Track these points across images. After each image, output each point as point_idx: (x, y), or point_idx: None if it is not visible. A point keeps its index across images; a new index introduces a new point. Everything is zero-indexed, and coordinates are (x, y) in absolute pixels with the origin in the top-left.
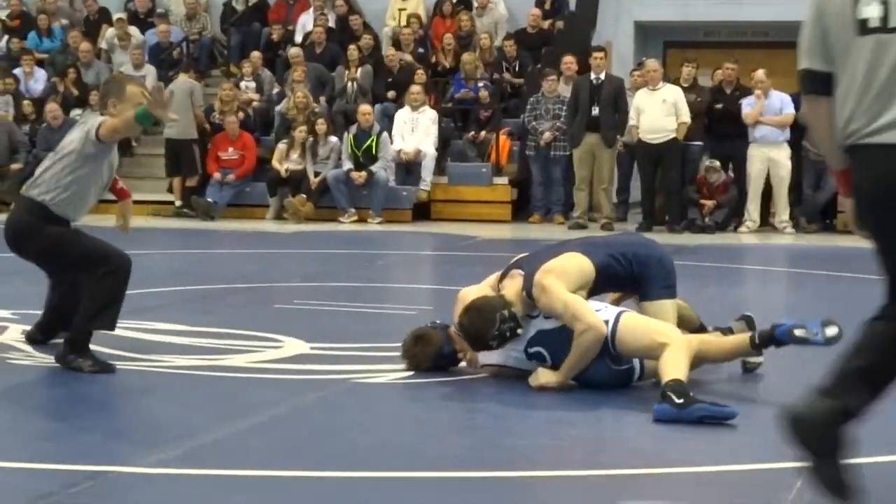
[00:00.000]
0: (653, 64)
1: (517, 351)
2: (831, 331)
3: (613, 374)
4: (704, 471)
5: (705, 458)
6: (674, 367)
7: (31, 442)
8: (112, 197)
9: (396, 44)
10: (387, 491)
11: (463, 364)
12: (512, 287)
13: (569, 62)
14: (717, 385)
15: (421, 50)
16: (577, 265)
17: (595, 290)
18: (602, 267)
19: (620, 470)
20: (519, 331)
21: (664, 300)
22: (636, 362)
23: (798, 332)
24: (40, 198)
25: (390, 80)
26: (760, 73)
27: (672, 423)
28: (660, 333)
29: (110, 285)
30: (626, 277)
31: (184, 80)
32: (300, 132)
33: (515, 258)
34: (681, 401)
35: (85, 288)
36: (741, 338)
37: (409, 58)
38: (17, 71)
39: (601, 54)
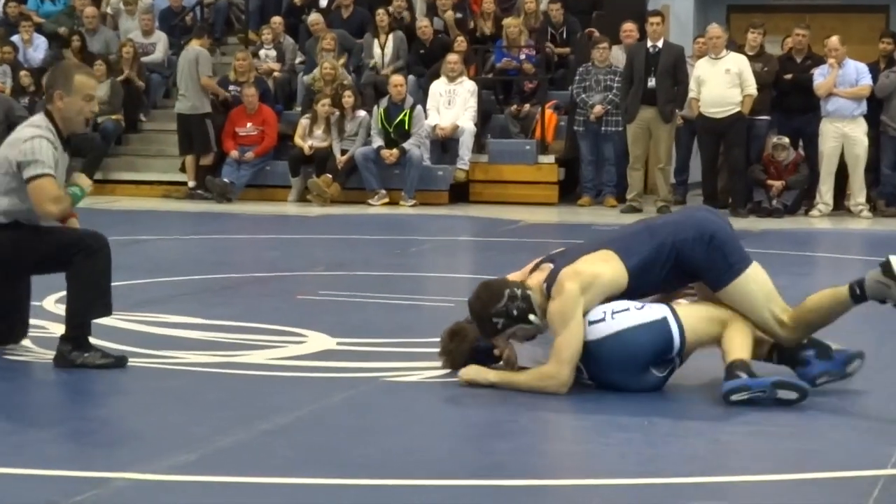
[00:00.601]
0: (716, 29)
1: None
2: (852, 367)
3: (652, 382)
4: (767, 480)
5: (768, 466)
6: (739, 348)
7: (30, 446)
8: (114, 177)
9: (432, 7)
10: (420, 501)
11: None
12: (536, 278)
13: (629, 29)
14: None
15: (459, 15)
16: (612, 275)
17: (630, 292)
18: (637, 270)
19: (676, 478)
20: (531, 317)
21: (733, 282)
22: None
23: (822, 380)
24: None
25: (422, 51)
26: (834, 40)
27: (742, 393)
28: (716, 318)
29: (92, 268)
30: (666, 274)
31: (190, 50)
32: (323, 106)
33: (553, 252)
34: (747, 375)
35: (68, 280)
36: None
37: (449, 19)
38: (14, 38)
39: (658, 19)
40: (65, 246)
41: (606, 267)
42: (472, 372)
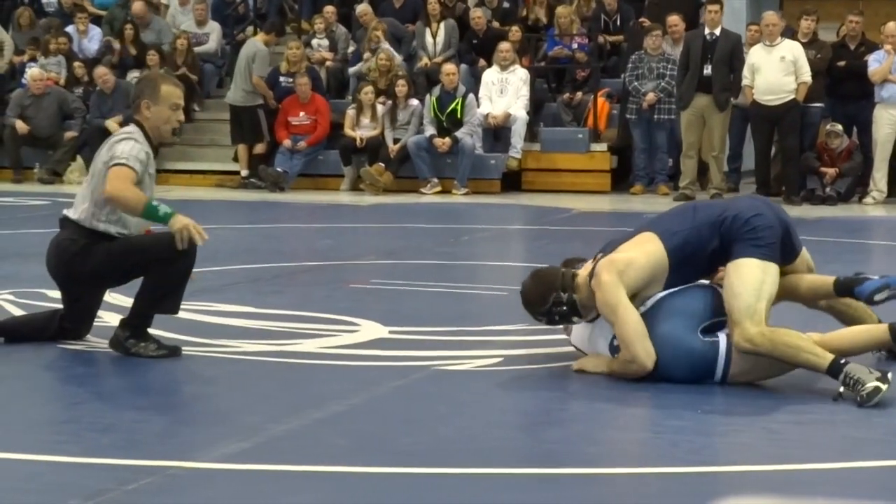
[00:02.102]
0: (772, 16)
1: (601, 349)
2: None
3: (699, 351)
4: (818, 468)
5: (818, 455)
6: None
7: (84, 434)
8: (168, 166)
9: None
10: (473, 489)
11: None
12: (584, 272)
13: (674, 23)
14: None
15: (506, 5)
16: (647, 257)
17: (674, 276)
18: (678, 250)
19: (730, 467)
20: (575, 319)
21: (748, 259)
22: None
23: (880, 296)
24: (77, 217)
25: (475, 41)
26: (892, 26)
27: (884, 292)
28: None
29: (176, 268)
30: (711, 253)
31: (252, 44)
32: (366, 94)
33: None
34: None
35: (148, 272)
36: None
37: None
38: (69, 29)
39: (716, 7)
40: (152, 250)
41: (640, 250)
42: (585, 364)
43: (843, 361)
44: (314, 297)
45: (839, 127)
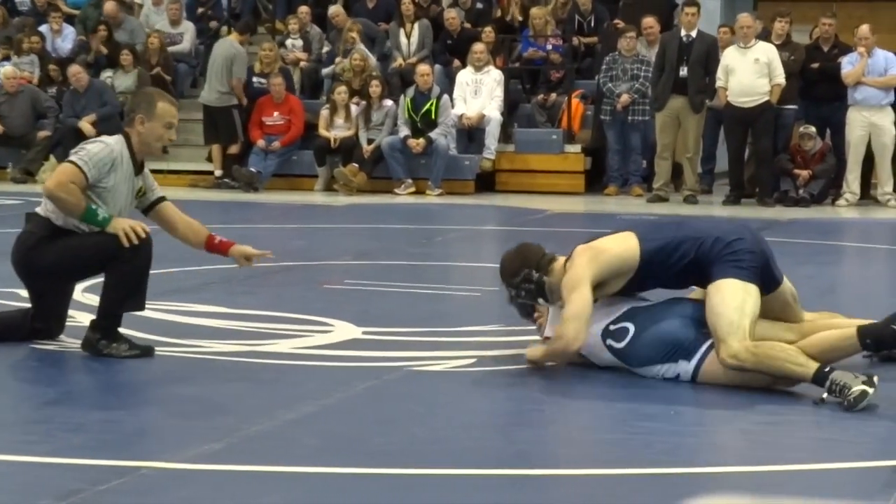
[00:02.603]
0: (746, 18)
1: (592, 335)
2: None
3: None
4: (791, 469)
5: (792, 456)
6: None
7: (55, 434)
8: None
9: None
10: (445, 490)
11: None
12: (560, 260)
13: (649, 24)
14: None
15: (480, 5)
16: (621, 249)
17: (639, 281)
18: (651, 254)
19: (702, 468)
20: (540, 301)
21: (731, 279)
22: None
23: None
24: (45, 214)
25: (449, 42)
26: (865, 29)
27: None
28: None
29: (132, 265)
30: (682, 269)
31: (228, 45)
32: (339, 94)
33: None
34: None
35: (106, 272)
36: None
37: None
38: (43, 28)
39: (693, 9)
40: (108, 246)
41: (617, 243)
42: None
43: (827, 369)
44: (287, 298)
45: (812, 129)
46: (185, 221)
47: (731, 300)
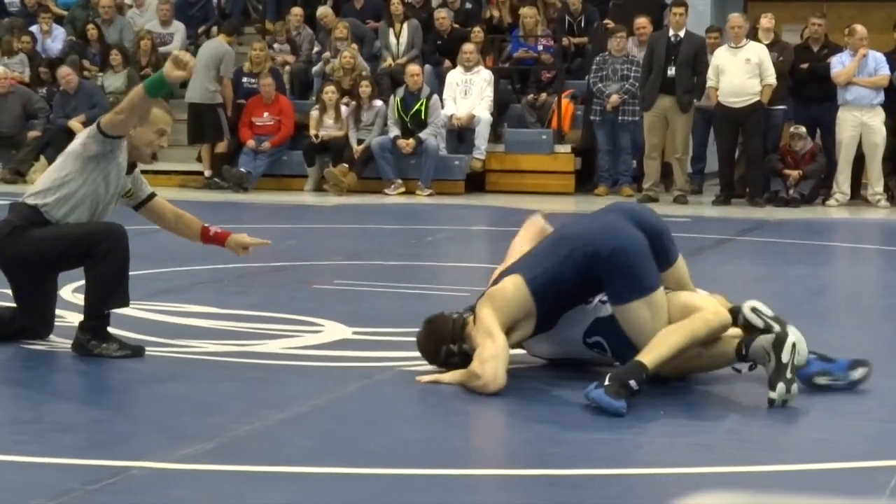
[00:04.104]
0: (737, 18)
1: (574, 343)
2: (858, 374)
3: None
4: (783, 470)
5: (784, 457)
6: (656, 344)
7: (45, 434)
8: (150, 167)
9: None
10: (437, 491)
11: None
12: (471, 315)
13: (642, 24)
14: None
15: (468, 6)
16: (511, 290)
17: (547, 316)
18: (540, 292)
19: (693, 468)
20: (473, 365)
21: (627, 304)
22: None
23: (821, 381)
24: (32, 201)
25: (439, 42)
26: (861, 29)
27: (592, 403)
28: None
29: (110, 260)
30: (580, 285)
31: (216, 45)
32: (328, 93)
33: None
34: (613, 388)
35: (86, 271)
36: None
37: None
38: (33, 28)
39: (681, 10)
40: (83, 240)
41: (508, 285)
42: (427, 378)
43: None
44: (277, 298)
45: (803, 129)
46: (177, 214)
47: (639, 327)
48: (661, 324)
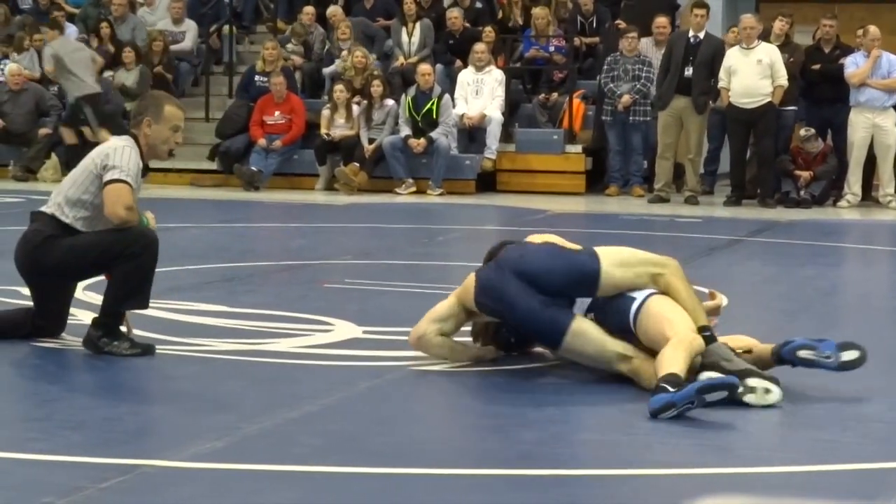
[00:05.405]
0: (749, 19)
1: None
2: (848, 355)
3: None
4: (790, 471)
5: (791, 458)
6: (669, 363)
7: (58, 432)
8: (162, 165)
9: None
10: (446, 490)
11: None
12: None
13: (661, 24)
14: (807, 378)
15: (479, 5)
16: (466, 287)
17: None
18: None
19: (703, 469)
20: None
21: (560, 346)
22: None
23: (804, 353)
24: (58, 214)
25: (451, 41)
26: (874, 30)
27: (670, 411)
28: (671, 325)
29: (137, 265)
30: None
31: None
32: (339, 93)
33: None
34: (675, 389)
35: (114, 269)
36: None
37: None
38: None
39: (702, 11)
40: (117, 243)
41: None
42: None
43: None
44: (288, 297)
45: (812, 130)
46: None
47: (586, 353)
48: (599, 337)
